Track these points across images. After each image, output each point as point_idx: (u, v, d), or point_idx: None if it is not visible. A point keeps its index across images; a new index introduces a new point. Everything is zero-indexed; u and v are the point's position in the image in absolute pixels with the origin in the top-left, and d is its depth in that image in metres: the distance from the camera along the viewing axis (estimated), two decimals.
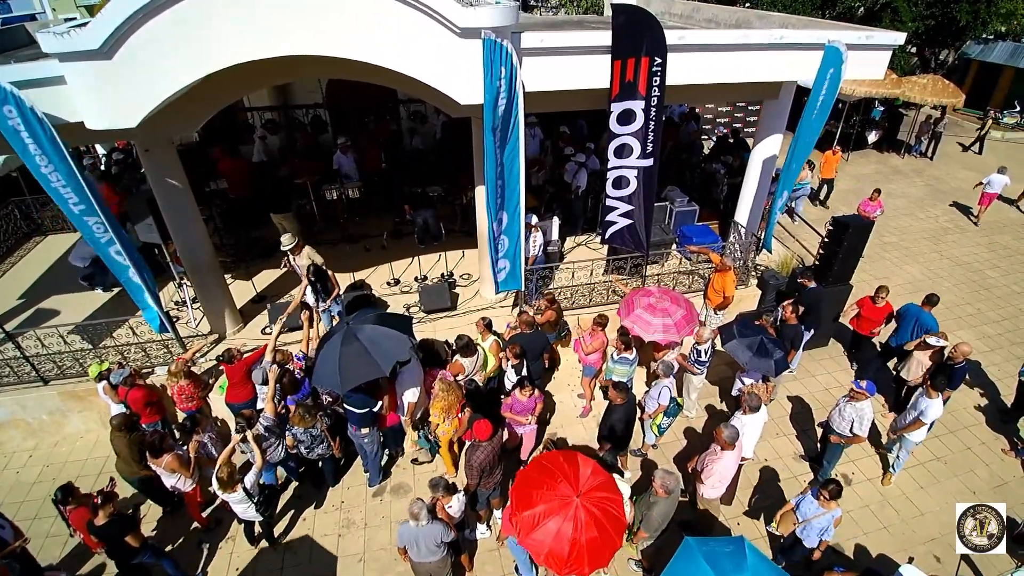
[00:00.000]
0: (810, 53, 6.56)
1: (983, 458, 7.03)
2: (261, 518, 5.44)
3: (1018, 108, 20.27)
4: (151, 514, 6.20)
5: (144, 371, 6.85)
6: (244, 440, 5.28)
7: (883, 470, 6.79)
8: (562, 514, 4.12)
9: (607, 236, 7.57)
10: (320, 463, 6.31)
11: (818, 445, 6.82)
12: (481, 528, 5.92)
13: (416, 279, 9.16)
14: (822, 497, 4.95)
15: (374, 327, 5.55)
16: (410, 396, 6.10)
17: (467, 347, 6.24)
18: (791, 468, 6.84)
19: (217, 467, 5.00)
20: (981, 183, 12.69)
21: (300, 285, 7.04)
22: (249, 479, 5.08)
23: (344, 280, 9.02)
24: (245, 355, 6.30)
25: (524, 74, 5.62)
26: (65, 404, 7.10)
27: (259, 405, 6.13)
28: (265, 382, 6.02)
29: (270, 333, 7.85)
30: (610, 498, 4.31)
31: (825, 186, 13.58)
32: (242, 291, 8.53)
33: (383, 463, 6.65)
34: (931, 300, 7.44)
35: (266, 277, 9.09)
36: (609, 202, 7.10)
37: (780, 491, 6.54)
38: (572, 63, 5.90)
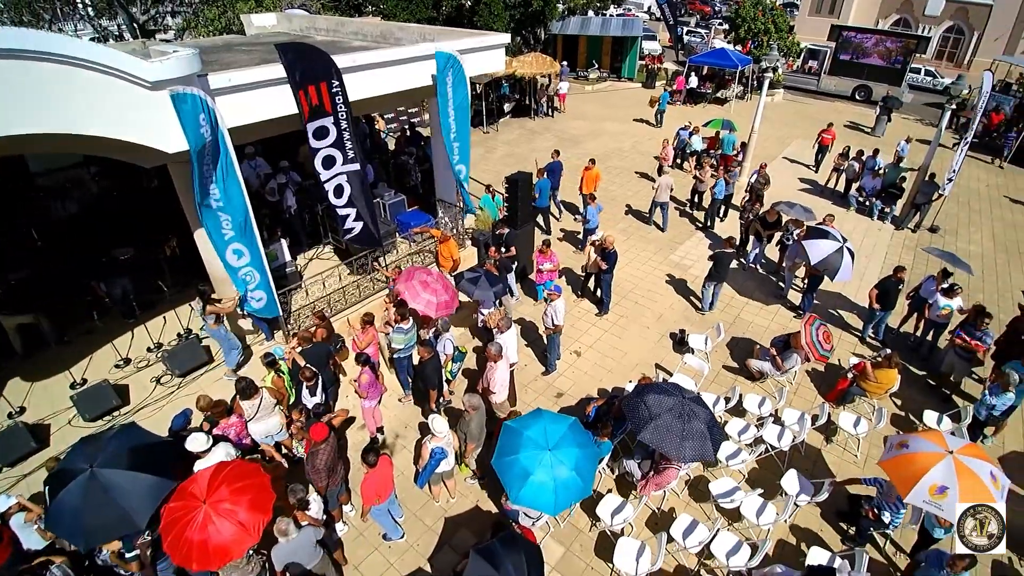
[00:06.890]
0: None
1: (647, 305, 10.47)
2: None
3: (596, 65, 27.63)
4: None
5: None
6: None
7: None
8: (193, 522, 4.57)
9: (346, 239, 8.38)
10: None
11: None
12: (339, 526, 6.35)
13: (149, 349, 8.38)
14: None
15: (122, 472, 4.83)
16: None
17: (245, 390, 6.32)
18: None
19: None
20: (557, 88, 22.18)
21: None
22: None
23: (62, 383, 7.73)
24: None
25: (222, 111, 5.95)
26: None
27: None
28: None
29: None
30: (238, 499, 4.72)
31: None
32: None
33: None
34: None
35: None
36: (339, 211, 7.88)
37: (544, 382, 8.64)
38: (264, 95, 6.42)
